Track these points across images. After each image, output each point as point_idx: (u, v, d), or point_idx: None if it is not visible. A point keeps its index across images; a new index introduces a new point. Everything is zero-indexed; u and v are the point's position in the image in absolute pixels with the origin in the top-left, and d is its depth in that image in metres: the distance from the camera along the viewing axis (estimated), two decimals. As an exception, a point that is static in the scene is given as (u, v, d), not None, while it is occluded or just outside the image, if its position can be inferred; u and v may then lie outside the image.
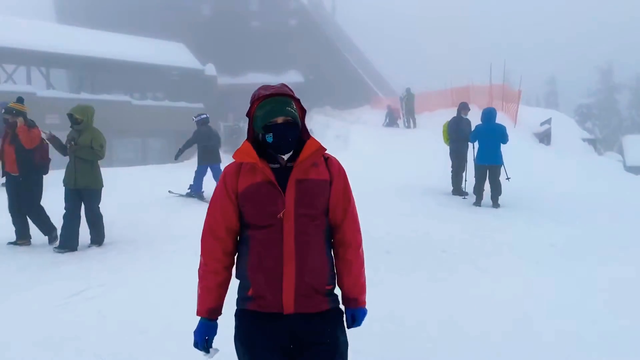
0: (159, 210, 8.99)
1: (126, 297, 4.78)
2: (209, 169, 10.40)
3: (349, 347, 2.12)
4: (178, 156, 10.38)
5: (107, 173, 7.31)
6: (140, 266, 5.73)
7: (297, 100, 2.10)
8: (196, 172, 10.42)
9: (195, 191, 10.34)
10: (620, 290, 4.98)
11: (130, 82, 26.77)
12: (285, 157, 2.05)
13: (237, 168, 2.08)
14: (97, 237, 6.62)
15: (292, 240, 1.97)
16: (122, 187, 11.56)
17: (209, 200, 2.19)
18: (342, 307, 2.16)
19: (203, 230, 2.11)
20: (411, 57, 65.94)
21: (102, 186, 6.64)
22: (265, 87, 2.08)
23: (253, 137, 2.10)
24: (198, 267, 2.12)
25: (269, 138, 2.01)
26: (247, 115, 2.09)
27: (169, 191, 10.62)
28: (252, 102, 2.07)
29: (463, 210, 9.11)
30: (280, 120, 2.01)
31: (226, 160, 19.40)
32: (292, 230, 1.97)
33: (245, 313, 2.05)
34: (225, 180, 2.08)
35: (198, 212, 8.39)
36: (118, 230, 7.24)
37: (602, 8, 76.38)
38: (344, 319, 2.16)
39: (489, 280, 5.33)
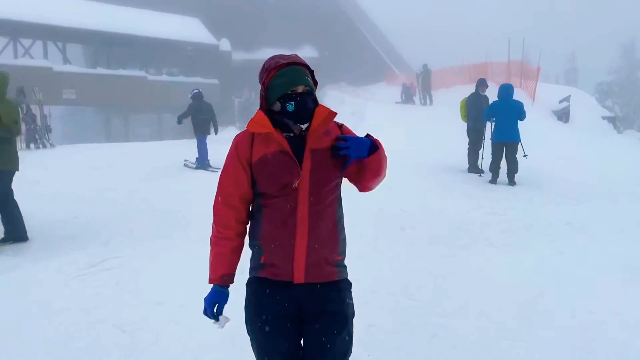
0: (177, 184, 9.06)
1: (142, 269, 4.86)
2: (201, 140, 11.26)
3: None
4: (180, 121, 11.60)
5: (127, 147, 7.36)
6: (156, 238, 5.81)
7: (312, 72, 2.08)
8: (197, 145, 11.25)
9: (201, 163, 11.09)
10: (637, 270, 4.93)
11: (146, 57, 26.77)
12: (304, 126, 2.02)
13: (249, 137, 2.06)
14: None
15: (307, 210, 1.97)
16: (140, 160, 11.69)
17: (217, 169, 2.20)
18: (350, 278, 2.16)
19: (215, 199, 2.11)
20: (428, 33, 64.84)
21: (16, 169, 5.58)
22: (280, 56, 2.05)
23: (266, 106, 2.06)
24: (210, 235, 2.13)
25: (290, 107, 1.98)
26: (261, 83, 2.05)
27: (185, 163, 11.32)
28: (268, 71, 2.03)
29: (479, 188, 9.05)
30: (300, 89, 1.99)
31: (233, 136, 19.62)
32: (307, 200, 1.97)
33: (256, 280, 2.07)
34: (237, 149, 2.07)
35: (212, 185, 8.48)
36: (135, 204, 7.33)
37: (627, -18, 74.10)
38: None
39: (504, 257, 5.31)
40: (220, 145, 15.79)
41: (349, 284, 2.15)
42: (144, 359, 3.29)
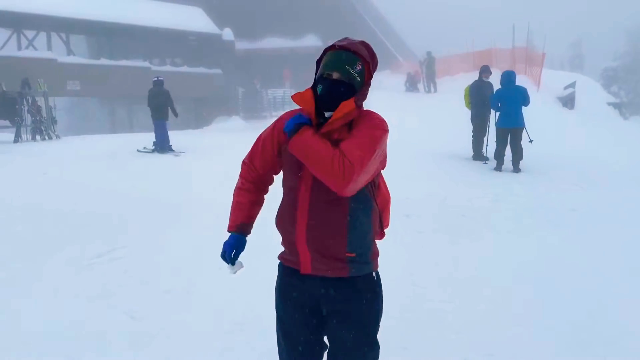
0: (181, 172, 9.11)
1: (150, 258, 4.91)
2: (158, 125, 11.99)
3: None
4: (175, 114, 12.36)
5: (131, 137, 7.37)
6: (162, 228, 5.85)
7: (367, 63, 1.96)
8: (155, 129, 11.97)
9: (162, 147, 11.71)
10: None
11: (149, 47, 26.73)
12: (327, 114, 1.93)
13: (291, 116, 2.00)
14: None
15: (307, 200, 1.92)
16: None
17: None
18: (374, 273, 2.06)
19: (247, 155, 2.17)
20: (432, 20, 64.40)
21: None
22: (342, 40, 1.98)
23: (313, 87, 2.00)
24: (234, 186, 2.20)
25: (319, 89, 1.93)
26: (317, 62, 2.00)
27: (139, 149, 11.83)
28: (323, 52, 1.99)
29: (484, 175, 9.06)
30: (335, 75, 1.90)
31: (241, 127, 19.38)
32: (308, 191, 1.91)
33: (281, 266, 2.13)
34: (276, 123, 2.07)
35: (217, 173, 8.52)
36: (139, 194, 7.37)
37: (633, -34, 73.14)
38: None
39: (509, 244, 5.34)
40: (225, 134, 15.85)
41: (371, 283, 2.03)
42: (154, 345, 3.34)
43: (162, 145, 11.77)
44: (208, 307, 3.83)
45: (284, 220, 2.02)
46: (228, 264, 2.13)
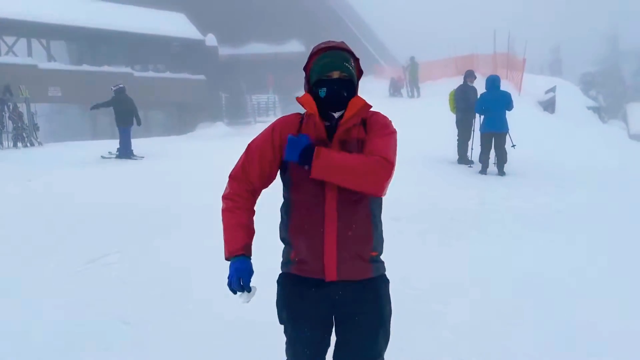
0: (168, 178, 9.05)
1: (142, 263, 4.88)
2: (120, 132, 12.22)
3: None
4: (93, 108, 12.68)
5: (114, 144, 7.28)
6: (152, 233, 5.82)
7: (357, 60, 2.01)
8: (120, 136, 12.20)
9: (124, 153, 11.98)
10: (624, 256, 5.07)
11: (132, 53, 26.54)
12: (336, 114, 1.95)
13: (295, 122, 2.00)
14: None
15: (335, 202, 1.88)
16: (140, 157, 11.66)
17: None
18: (387, 274, 2.08)
19: (233, 170, 2.04)
20: (415, 26, 64.97)
21: None
22: (326, 42, 2.00)
23: (308, 91, 2.00)
24: (222, 207, 2.02)
25: (322, 92, 1.92)
26: (304, 69, 2.00)
27: (102, 156, 12.09)
28: (310, 56, 1.98)
29: (469, 178, 9.17)
30: (335, 75, 1.92)
31: (225, 132, 19.25)
32: (335, 191, 1.88)
33: (288, 277, 2.01)
34: (274, 130, 1.99)
35: (208, 178, 8.48)
36: (131, 198, 7.32)
37: (608, -26, 74.80)
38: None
39: (497, 246, 5.42)
40: (209, 140, 15.79)
41: (386, 281, 2.06)
42: (149, 351, 3.33)
43: (125, 152, 12.07)
44: (203, 312, 3.82)
45: (305, 229, 1.92)
46: (242, 292, 1.92)
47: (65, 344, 3.38)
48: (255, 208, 2.07)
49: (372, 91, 24.35)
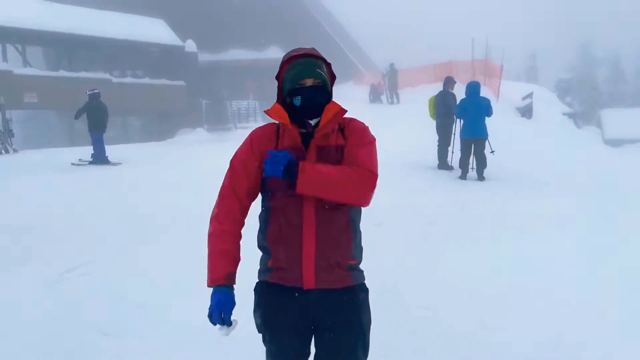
0: (149, 185, 8.94)
1: (120, 272, 4.79)
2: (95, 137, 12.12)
3: None
4: (77, 117, 12.37)
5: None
6: (130, 242, 5.72)
7: (329, 65, 2.00)
8: (93, 142, 12.10)
9: (98, 159, 11.87)
10: (603, 259, 5.14)
11: (110, 59, 26.22)
12: (313, 122, 1.94)
13: (272, 131, 1.99)
14: None
15: (313, 209, 1.86)
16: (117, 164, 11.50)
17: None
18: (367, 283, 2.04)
19: (222, 190, 2.00)
20: (394, 33, 65.54)
21: None
22: (296, 50, 2.00)
23: (282, 101, 1.99)
24: (209, 230, 1.98)
25: (297, 101, 1.91)
26: (276, 77, 1.99)
27: (72, 163, 11.89)
28: (282, 64, 1.98)
29: (450, 184, 9.25)
30: (309, 82, 1.92)
31: (205, 138, 19.17)
32: (314, 199, 1.85)
33: (265, 286, 1.97)
34: (252, 142, 1.98)
35: (186, 184, 8.40)
36: (108, 205, 7.21)
37: (582, -17, 76.60)
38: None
39: (478, 250, 5.45)
40: (189, 146, 15.69)
41: (365, 290, 2.02)
42: (129, 362, 3.26)
43: (100, 158, 11.95)
44: (185, 322, 3.74)
45: (283, 237, 1.89)
46: (223, 325, 1.86)
47: (42, 356, 3.29)
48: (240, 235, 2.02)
49: (352, 97, 24.51)
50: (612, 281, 4.50)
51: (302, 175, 1.79)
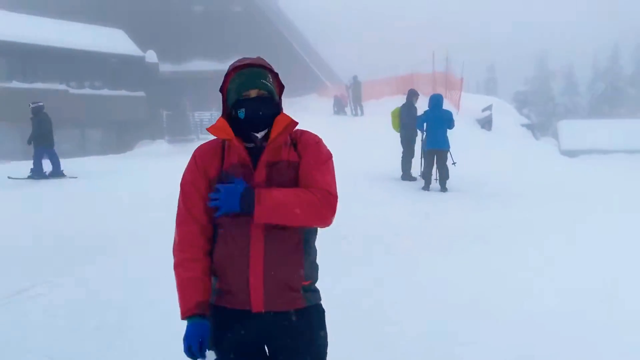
0: (104, 199, 8.64)
1: (74, 294, 4.56)
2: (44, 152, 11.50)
3: None
4: (30, 141, 11.62)
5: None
6: (85, 261, 5.48)
7: (276, 74, 1.92)
8: (34, 156, 11.42)
9: (37, 173, 11.28)
10: (563, 266, 5.23)
11: (67, 70, 25.46)
12: (259, 135, 1.86)
13: (216, 148, 1.89)
14: None
15: (261, 229, 1.77)
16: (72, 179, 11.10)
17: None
18: (323, 303, 1.97)
19: (178, 216, 1.89)
20: (356, 46, 66.39)
21: None
22: (240, 60, 1.90)
23: (227, 113, 1.90)
24: (174, 260, 1.88)
25: (241, 113, 1.83)
26: (220, 90, 1.90)
27: (9, 177, 11.24)
28: (226, 75, 1.88)
29: (413, 194, 9.30)
30: (253, 93, 1.83)
31: (166, 150, 18.77)
32: (261, 224, 1.77)
33: (213, 309, 1.86)
34: (196, 160, 1.88)
35: (143, 198, 8.14)
36: (64, 225, 6.90)
37: (537, -2, 79.60)
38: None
39: (442, 260, 5.46)
40: (149, 158, 15.33)
41: (321, 311, 1.95)
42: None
43: (37, 171, 11.37)
44: (143, 344, 3.58)
45: (230, 259, 1.81)
46: (198, 359, 1.78)
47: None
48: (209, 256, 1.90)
49: (316, 109, 24.59)
50: (577, 290, 4.55)
51: (259, 206, 1.72)
